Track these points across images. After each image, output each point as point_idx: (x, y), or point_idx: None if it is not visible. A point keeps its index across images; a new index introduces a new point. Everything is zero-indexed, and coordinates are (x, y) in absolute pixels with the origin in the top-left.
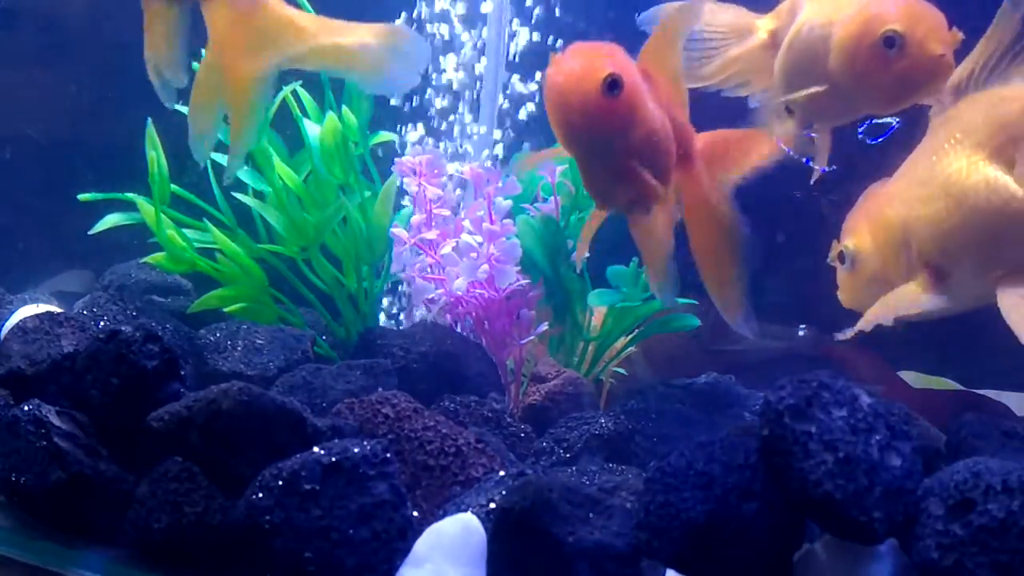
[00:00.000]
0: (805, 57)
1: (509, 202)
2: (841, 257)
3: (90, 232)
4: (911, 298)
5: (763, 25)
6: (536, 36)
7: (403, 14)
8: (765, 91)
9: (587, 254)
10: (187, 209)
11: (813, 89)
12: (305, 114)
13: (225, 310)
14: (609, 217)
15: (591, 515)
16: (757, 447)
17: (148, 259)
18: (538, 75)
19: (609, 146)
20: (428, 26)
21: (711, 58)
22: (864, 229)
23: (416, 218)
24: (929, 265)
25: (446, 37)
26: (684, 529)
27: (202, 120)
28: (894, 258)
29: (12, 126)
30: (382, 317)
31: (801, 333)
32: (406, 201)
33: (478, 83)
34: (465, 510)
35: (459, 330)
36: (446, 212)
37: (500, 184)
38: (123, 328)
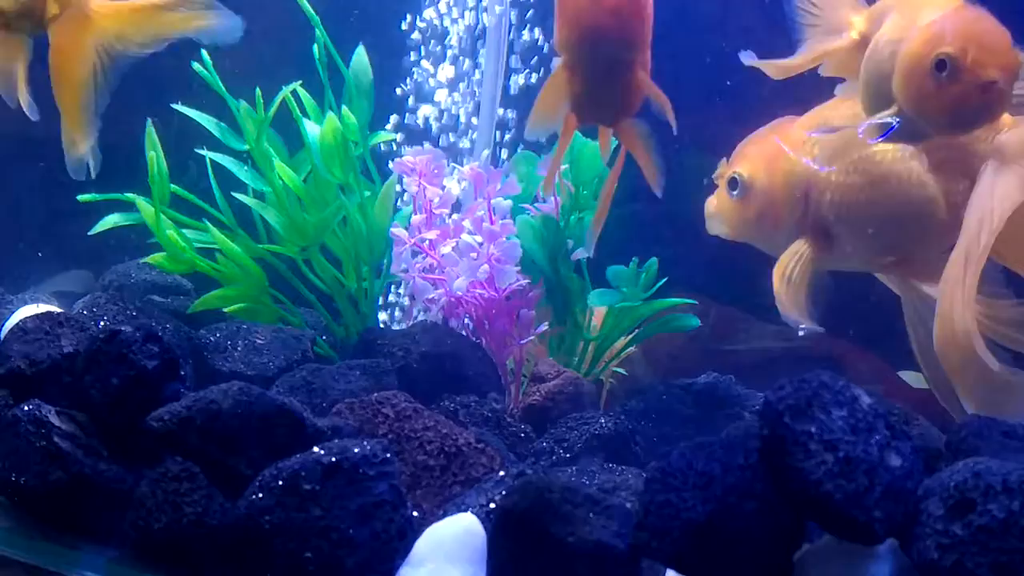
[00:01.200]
0: (880, 71)
1: (509, 202)
2: (733, 182)
3: (90, 232)
4: (794, 256)
5: (856, 24)
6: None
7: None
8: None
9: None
10: (187, 209)
11: (883, 115)
12: (305, 114)
13: (225, 310)
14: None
15: (591, 515)
16: (757, 447)
17: (148, 259)
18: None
19: (628, 52)
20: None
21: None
22: (761, 164)
23: (416, 218)
24: (820, 227)
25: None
26: (684, 529)
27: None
28: (786, 206)
29: (12, 125)
30: (382, 316)
31: (801, 333)
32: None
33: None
34: (465, 510)
35: (458, 330)
36: (446, 211)
37: (500, 184)
38: (123, 328)
